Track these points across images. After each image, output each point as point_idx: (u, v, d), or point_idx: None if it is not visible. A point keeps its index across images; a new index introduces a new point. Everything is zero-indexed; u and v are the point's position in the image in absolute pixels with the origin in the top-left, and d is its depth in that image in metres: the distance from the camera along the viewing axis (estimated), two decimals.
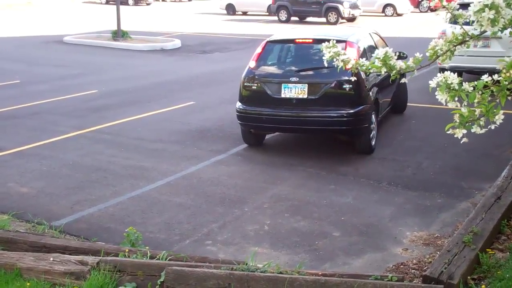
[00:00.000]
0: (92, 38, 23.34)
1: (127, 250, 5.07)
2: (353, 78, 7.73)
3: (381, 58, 3.52)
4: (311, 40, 8.65)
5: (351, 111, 8.00)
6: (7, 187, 7.57)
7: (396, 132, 9.70)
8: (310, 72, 8.40)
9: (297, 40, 8.75)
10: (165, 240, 5.98)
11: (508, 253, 4.98)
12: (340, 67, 3.78)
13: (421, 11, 37.55)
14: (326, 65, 4.01)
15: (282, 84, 8.24)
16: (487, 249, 4.95)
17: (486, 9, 2.70)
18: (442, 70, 11.49)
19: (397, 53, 9.68)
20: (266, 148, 9.01)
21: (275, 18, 32.76)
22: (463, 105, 2.89)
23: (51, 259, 5.01)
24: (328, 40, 8.73)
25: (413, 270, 5.08)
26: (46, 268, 4.91)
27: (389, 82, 9.09)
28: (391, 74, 3.55)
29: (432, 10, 35.68)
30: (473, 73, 12.36)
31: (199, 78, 15.13)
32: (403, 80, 3.76)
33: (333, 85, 8.09)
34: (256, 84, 8.49)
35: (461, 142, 2.94)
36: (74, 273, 4.79)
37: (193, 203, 6.93)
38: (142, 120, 10.84)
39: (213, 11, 39.47)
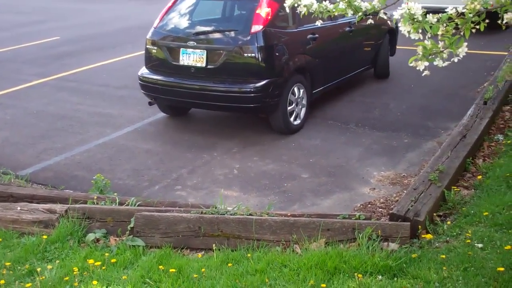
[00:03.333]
0: None
1: (95, 197, 5.03)
2: (259, 44, 6.59)
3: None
4: None
5: (256, 84, 6.66)
6: None
7: (362, 74, 9.69)
8: (211, 36, 7.06)
9: None
10: (134, 186, 5.96)
11: (472, 190, 5.08)
12: (303, 14, 3.56)
13: None
14: (230, 16, 3.48)
15: (181, 49, 6.98)
16: (453, 187, 5.04)
17: None
18: None
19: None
20: None
21: None
22: (426, 37, 2.86)
23: (19, 208, 4.96)
24: None
25: (380, 209, 5.16)
26: (14, 217, 4.86)
27: (340, 46, 7.92)
28: (356, 17, 3.43)
29: None
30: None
31: None
32: (425, 73, 3.03)
33: (234, 52, 6.73)
34: (156, 48, 7.26)
35: (423, 75, 2.93)
36: (42, 222, 4.75)
37: (161, 149, 6.89)
38: (107, 66, 10.64)
39: None
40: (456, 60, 2.75)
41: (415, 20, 2.76)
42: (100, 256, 4.27)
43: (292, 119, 7.16)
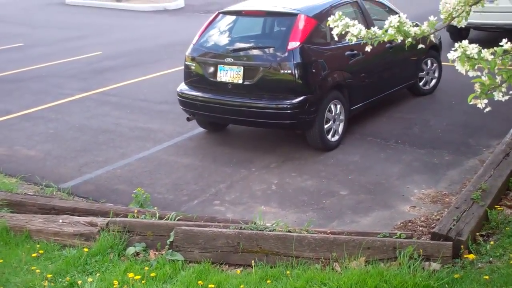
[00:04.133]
0: None
1: (136, 211, 5.09)
2: (296, 61, 6.60)
3: (395, 25, 3.33)
4: (262, 12, 7.42)
5: (292, 101, 6.68)
6: (14, 150, 7.59)
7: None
8: (248, 52, 7.08)
9: (245, 12, 7.52)
10: (173, 200, 6.01)
11: None
12: (352, 42, 3.53)
13: None
14: (267, 33, 3.49)
15: (218, 66, 7.05)
16: (496, 206, 4.94)
17: None
18: (451, 28, 11.32)
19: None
20: None
21: None
22: (483, 73, 2.85)
23: (60, 221, 5.04)
24: (278, 13, 7.54)
25: (421, 228, 5.08)
26: (56, 230, 4.94)
27: (379, 62, 7.80)
28: (406, 41, 3.38)
29: None
30: (481, 30, 12.18)
31: None
32: (487, 109, 3.00)
33: (271, 68, 6.78)
34: (194, 64, 7.37)
35: (485, 111, 2.91)
36: (83, 234, 4.83)
37: (200, 164, 6.94)
38: (147, 81, 10.79)
39: None
40: None
41: (471, 57, 2.75)
42: (139, 270, 4.31)
43: (329, 136, 7.12)
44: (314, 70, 6.86)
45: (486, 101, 2.79)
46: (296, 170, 6.60)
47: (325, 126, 7.01)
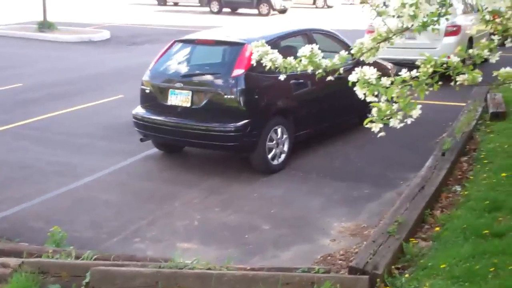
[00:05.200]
0: (17, 29, 22.51)
1: (50, 251, 4.93)
2: (239, 87, 7.06)
3: (307, 55, 3.46)
4: (211, 41, 7.98)
5: (235, 124, 7.08)
6: None
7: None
8: (196, 78, 7.57)
9: (198, 41, 8.06)
10: (92, 238, 5.85)
11: (430, 242, 5.13)
12: (269, 67, 3.67)
13: (351, 4, 38.22)
14: (215, 62, 3.69)
15: (170, 90, 7.51)
16: (411, 239, 5.08)
17: (407, 5, 2.74)
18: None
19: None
20: None
21: (207, 9, 32.62)
22: (382, 99, 2.94)
23: None
24: (227, 42, 7.93)
25: (340, 261, 5.15)
26: None
27: (325, 91, 7.92)
28: (316, 73, 3.50)
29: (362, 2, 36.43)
30: (400, 65, 12.65)
31: (128, 71, 14.83)
32: (380, 134, 3.15)
33: (216, 93, 7.27)
34: (149, 88, 7.81)
35: (378, 136, 3.00)
36: None
37: (121, 200, 6.82)
38: (69, 114, 10.56)
39: (144, 1, 38.82)
40: (409, 121, 2.83)
41: (370, 83, 2.84)
42: None
43: (272, 159, 7.45)
44: (257, 96, 7.30)
45: (381, 125, 2.89)
46: (219, 205, 6.59)
47: (268, 149, 7.36)
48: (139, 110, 7.92)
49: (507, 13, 3.04)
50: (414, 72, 2.88)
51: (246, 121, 7.10)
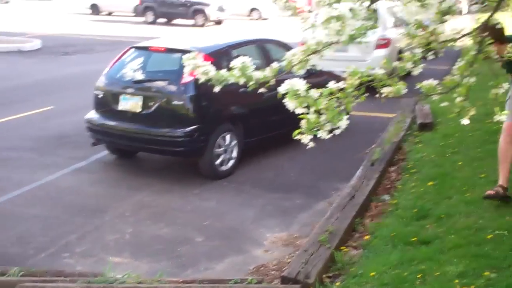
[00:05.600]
0: None
1: None
2: (188, 94, 7.25)
3: (239, 67, 3.46)
4: (163, 49, 8.07)
5: (183, 130, 7.29)
6: None
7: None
8: (147, 84, 7.60)
9: (151, 48, 8.17)
10: (18, 255, 5.64)
11: (361, 250, 5.22)
12: (202, 80, 3.65)
13: (286, 16, 38.71)
14: (165, 69, 3.68)
15: (121, 95, 7.66)
16: (342, 247, 5.16)
17: (333, 20, 2.78)
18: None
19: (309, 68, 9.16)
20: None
21: (142, 19, 32.32)
22: (310, 111, 2.97)
23: None
24: (182, 50, 7.84)
25: (273, 272, 5.17)
26: None
27: (275, 99, 7.98)
28: (248, 85, 3.50)
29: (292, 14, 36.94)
30: None
31: (59, 82, 14.51)
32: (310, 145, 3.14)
33: (165, 100, 7.42)
34: (102, 93, 7.98)
35: (307, 147, 3.02)
36: None
37: (50, 214, 6.61)
38: None
39: (77, 10, 38.10)
40: (338, 132, 2.87)
41: (299, 95, 2.86)
42: None
43: (219, 165, 7.64)
44: (205, 103, 7.42)
45: (310, 137, 2.92)
46: (152, 218, 6.50)
47: (216, 155, 7.55)
48: (91, 115, 8.07)
49: (430, 27, 3.14)
50: (341, 84, 2.92)
51: (194, 127, 7.30)
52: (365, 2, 3.00)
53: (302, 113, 2.89)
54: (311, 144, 2.99)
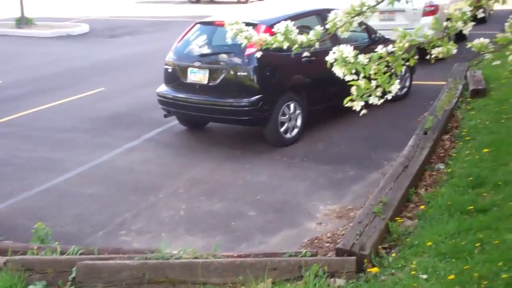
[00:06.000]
0: None
1: (35, 248, 4.89)
2: (251, 65, 7.50)
3: (282, 32, 3.45)
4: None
5: (248, 100, 7.57)
6: None
7: None
8: (212, 57, 8.07)
9: (215, 22, 8.38)
10: (77, 233, 5.80)
11: (416, 220, 5.14)
12: (244, 44, 3.68)
13: None
14: (229, 42, 3.71)
15: (189, 69, 8.02)
16: (396, 218, 5.09)
17: None
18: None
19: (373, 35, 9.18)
20: (182, 132, 8.89)
21: None
22: (360, 77, 2.90)
23: None
24: (244, 23, 8.86)
25: (327, 244, 5.16)
26: None
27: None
28: (293, 48, 3.49)
29: None
30: None
31: (109, 64, 14.72)
32: (362, 112, 3.12)
33: (230, 71, 7.73)
34: (171, 67, 8.40)
35: (360, 114, 2.96)
36: None
37: (106, 193, 6.76)
38: (51, 109, 10.44)
39: None
40: (389, 97, 2.79)
41: (348, 62, 2.80)
42: None
43: (284, 132, 7.93)
44: (268, 73, 7.71)
45: (362, 103, 2.86)
46: (204, 194, 6.56)
47: (280, 123, 7.82)
48: (162, 88, 8.47)
49: None
50: (390, 48, 2.84)
51: (259, 96, 7.56)
52: None
53: (352, 80, 2.82)
54: (364, 111, 2.93)
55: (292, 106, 7.99)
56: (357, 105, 2.82)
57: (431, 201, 5.42)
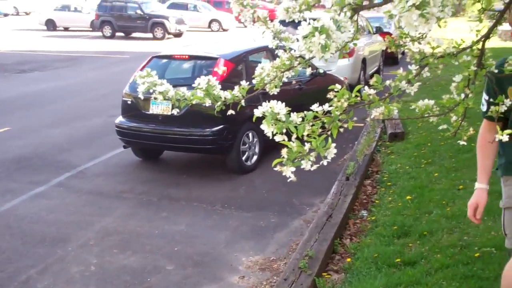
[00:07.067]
0: None
1: None
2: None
3: (203, 87, 3.20)
4: (186, 56, 8.71)
5: (212, 129, 7.89)
6: None
7: None
8: (176, 89, 7.96)
9: (175, 56, 8.81)
10: None
11: (343, 274, 4.95)
12: (159, 100, 3.39)
13: (245, 26, 38.48)
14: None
15: (151, 100, 8.01)
16: (323, 273, 4.87)
17: (316, 33, 2.44)
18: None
19: (314, 71, 9.45)
20: (93, 176, 8.39)
21: (99, 34, 31.74)
22: (292, 138, 2.59)
23: None
24: (202, 57, 8.90)
25: None
26: None
27: (289, 101, 8.37)
28: (216, 106, 3.23)
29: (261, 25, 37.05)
30: None
31: (17, 101, 13.94)
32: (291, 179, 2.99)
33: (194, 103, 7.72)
34: (130, 99, 8.49)
35: (288, 181, 2.62)
36: None
37: (8, 246, 6.16)
38: None
39: (32, 27, 37.25)
40: (325, 163, 2.48)
41: (279, 120, 2.49)
42: None
43: (246, 160, 8.34)
44: (231, 104, 7.47)
45: (293, 169, 2.49)
46: (117, 246, 6.10)
47: (241, 151, 8.22)
48: (121, 120, 8.60)
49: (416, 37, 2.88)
50: (326, 107, 2.58)
51: (223, 126, 7.90)
52: (348, 12, 2.71)
53: (283, 140, 2.53)
54: (293, 178, 2.57)
55: (250, 134, 8.37)
56: (287, 171, 2.46)
57: (357, 252, 5.25)
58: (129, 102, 8.53)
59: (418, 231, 5.36)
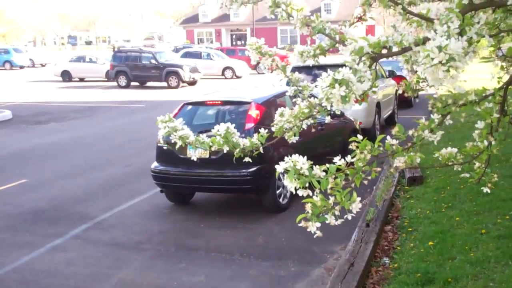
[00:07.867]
0: None
1: None
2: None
3: (222, 134, 3.23)
4: (219, 102, 9.01)
5: (250, 170, 8.06)
6: None
7: (236, 196, 9.47)
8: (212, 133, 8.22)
9: (207, 102, 9.09)
10: None
11: None
12: (180, 144, 3.43)
13: (258, 73, 38.85)
14: (227, 118, 3.41)
15: (188, 145, 7.94)
16: None
17: (337, 85, 2.43)
18: None
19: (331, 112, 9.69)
20: (110, 227, 8.34)
21: (115, 83, 32.17)
22: (315, 192, 2.55)
23: None
24: (234, 102, 9.17)
25: None
26: None
27: (315, 139, 9.07)
28: (235, 153, 3.27)
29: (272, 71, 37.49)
30: None
31: (33, 152, 14.05)
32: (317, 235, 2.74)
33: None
34: (166, 145, 8.60)
35: (315, 237, 2.57)
36: None
37: None
38: None
39: (47, 78, 37.89)
40: (350, 217, 2.44)
41: (302, 174, 2.45)
42: None
43: (280, 199, 8.55)
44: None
45: (318, 224, 2.46)
46: None
47: (277, 191, 8.47)
48: (156, 165, 8.83)
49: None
50: (349, 159, 2.55)
51: (260, 166, 8.06)
52: (367, 61, 2.71)
53: (307, 196, 2.49)
54: (319, 234, 2.53)
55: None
56: (312, 227, 2.43)
57: None
58: (164, 148, 8.71)
59: (443, 278, 5.23)
